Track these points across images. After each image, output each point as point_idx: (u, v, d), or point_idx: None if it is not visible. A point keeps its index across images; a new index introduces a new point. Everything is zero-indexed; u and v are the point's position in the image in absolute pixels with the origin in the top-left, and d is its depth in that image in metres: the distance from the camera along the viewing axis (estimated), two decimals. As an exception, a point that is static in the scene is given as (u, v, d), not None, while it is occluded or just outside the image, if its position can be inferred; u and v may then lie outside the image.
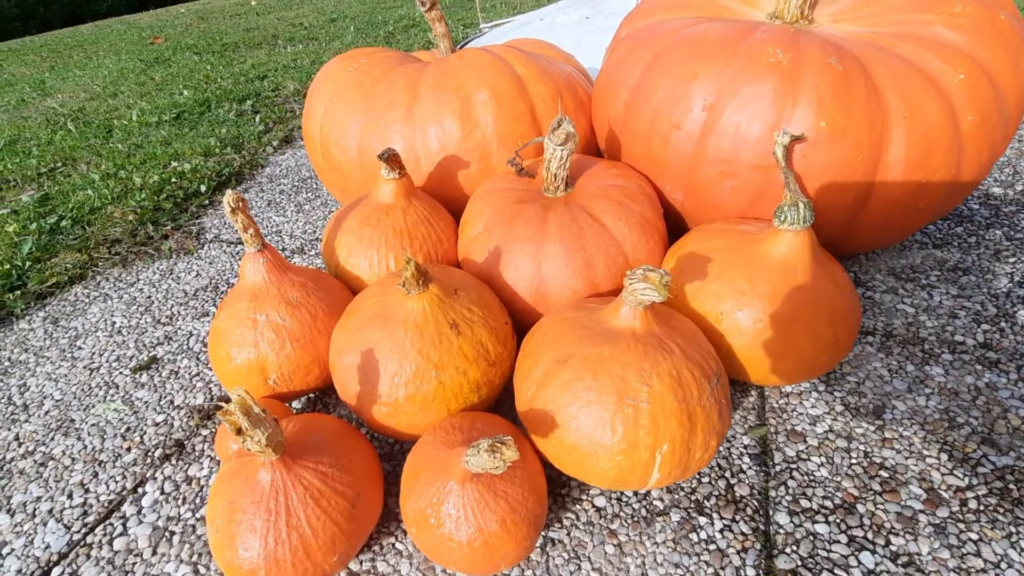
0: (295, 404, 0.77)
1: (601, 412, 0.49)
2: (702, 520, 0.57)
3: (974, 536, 0.53)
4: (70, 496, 0.67)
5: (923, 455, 0.62)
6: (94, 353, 0.91)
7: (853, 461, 0.62)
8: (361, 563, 0.57)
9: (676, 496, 0.60)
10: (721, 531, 0.56)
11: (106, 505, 0.65)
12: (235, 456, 0.53)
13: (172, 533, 0.61)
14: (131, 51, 3.78)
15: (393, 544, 0.58)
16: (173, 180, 1.46)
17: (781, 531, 0.56)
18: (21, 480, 0.69)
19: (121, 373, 0.86)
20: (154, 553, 0.59)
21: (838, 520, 0.56)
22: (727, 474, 0.62)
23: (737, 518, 0.57)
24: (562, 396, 0.51)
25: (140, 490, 0.67)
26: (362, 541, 0.53)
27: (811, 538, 0.55)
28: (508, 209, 0.76)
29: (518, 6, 3.60)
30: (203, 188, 1.41)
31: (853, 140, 0.68)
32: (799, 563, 0.53)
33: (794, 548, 0.54)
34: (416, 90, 0.93)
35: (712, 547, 0.55)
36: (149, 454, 0.71)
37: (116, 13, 7.38)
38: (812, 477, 0.61)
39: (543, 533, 0.57)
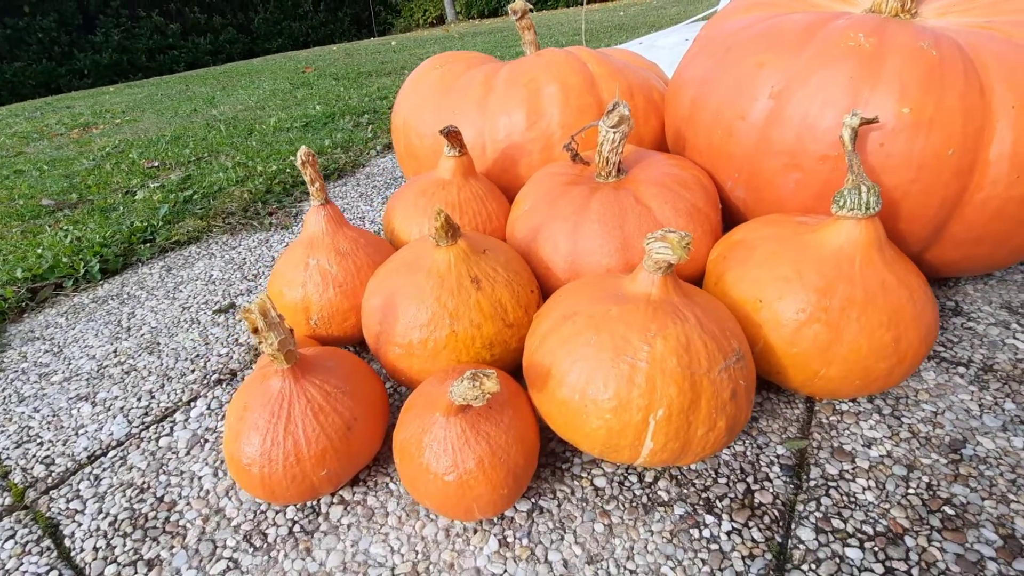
0: (336, 354, 0.82)
1: (594, 366, 0.47)
2: (709, 519, 0.51)
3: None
4: (139, 399, 0.76)
5: (1007, 499, 0.51)
6: (189, 296, 1.04)
7: (911, 491, 0.52)
8: (354, 494, 0.58)
9: (685, 491, 0.54)
10: (728, 533, 0.50)
11: (163, 411, 0.73)
12: (257, 367, 0.58)
13: (206, 441, 0.67)
14: (285, 77, 4.38)
15: (387, 484, 0.59)
16: (286, 171, 1.66)
17: (801, 547, 0.48)
18: (108, 382, 0.80)
19: (205, 313, 0.97)
20: (187, 453, 0.66)
21: (877, 548, 0.48)
22: (749, 479, 0.55)
23: (751, 524, 0.51)
24: (560, 350, 0.50)
25: (192, 404, 0.74)
26: (355, 465, 0.55)
27: (836, 560, 0.47)
28: (555, 190, 0.76)
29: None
30: (309, 177, 1.58)
31: (943, 130, 0.60)
32: (816, 583, 0.45)
33: (813, 567, 0.47)
34: (491, 83, 0.98)
35: (714, 547, 0.49)
36: (207, 377, 0.79)
37: (282, 51, 8.70)
38: (853, 499, 0.52)
39: (532, 500, 0.55)
